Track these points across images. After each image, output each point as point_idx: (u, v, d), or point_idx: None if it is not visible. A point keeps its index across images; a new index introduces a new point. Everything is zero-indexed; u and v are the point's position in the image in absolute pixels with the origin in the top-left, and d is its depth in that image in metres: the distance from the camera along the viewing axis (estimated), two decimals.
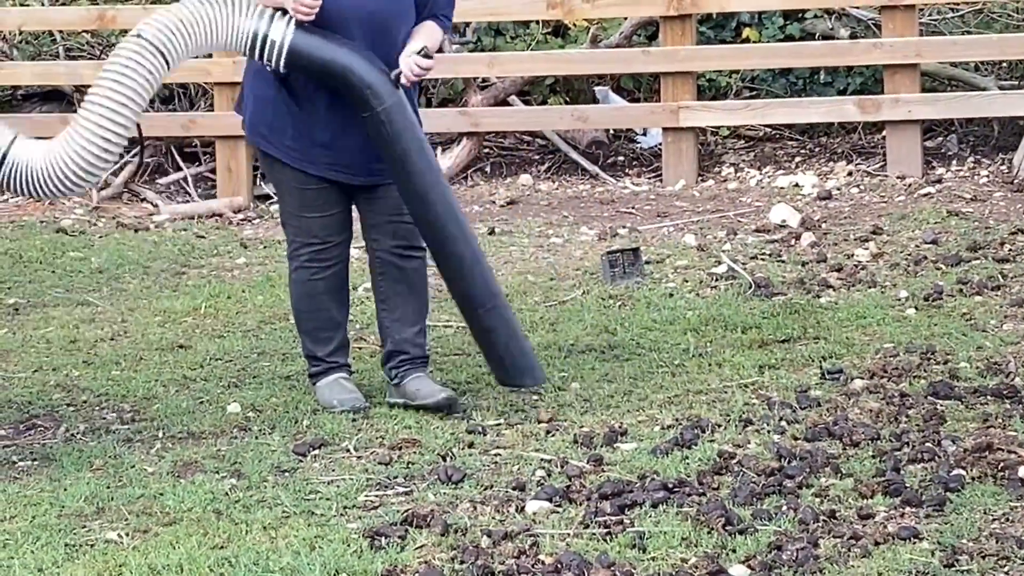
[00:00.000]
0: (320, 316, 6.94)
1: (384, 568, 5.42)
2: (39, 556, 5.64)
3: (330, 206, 6.81)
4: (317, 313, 6.94)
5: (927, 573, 5.29)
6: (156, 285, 9.24)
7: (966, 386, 6.92)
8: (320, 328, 6.96)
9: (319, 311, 6.94)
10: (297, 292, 6.96)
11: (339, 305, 7.00)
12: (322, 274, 6.88)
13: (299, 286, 6.94)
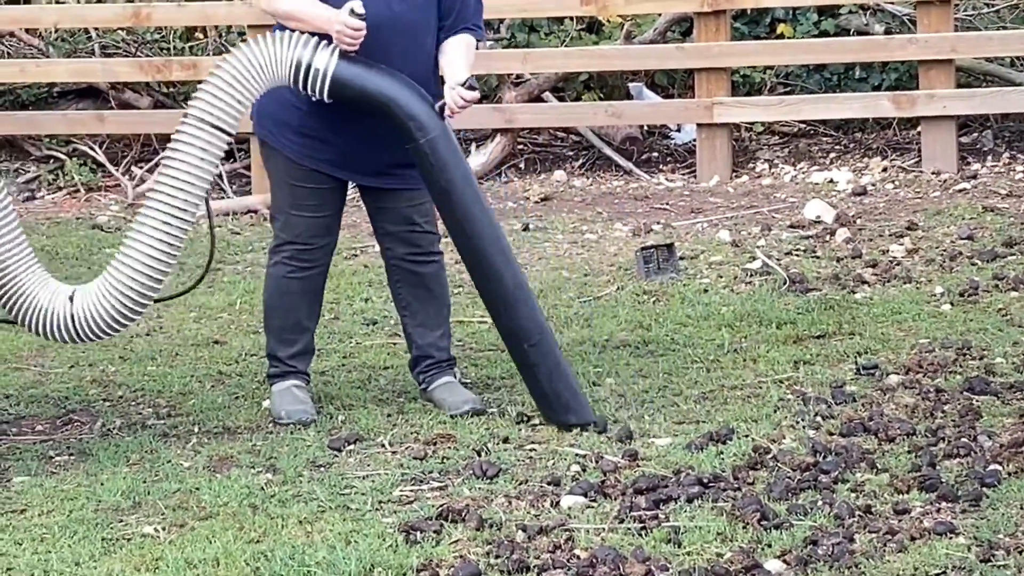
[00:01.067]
0: (288, 317, 6.91)
1: (419, 562, 5.43)
2: (76, 550, 5.66)
3: (321, 208, 6.77)
4: (286, 313, 6.91)
5: (963, 568, 5.28)
6: (191, 281, 9.25)
7: (1002, 382, 6.91)
8: (285, 329, 6.93)
9: (288, 312, 6.91)
10: (270, 288, 6.93)
11: (310, 310, 6.98)
12: (299, 275, 6.85)
13: (273, 281, 6.91)
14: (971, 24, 11.24)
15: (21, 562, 5.59)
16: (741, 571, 5.31)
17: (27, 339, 8.18)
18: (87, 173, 11.48)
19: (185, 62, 11.40)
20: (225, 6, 11.67)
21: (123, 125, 11.70)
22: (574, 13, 11.21)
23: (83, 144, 11.68)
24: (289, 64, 6.32)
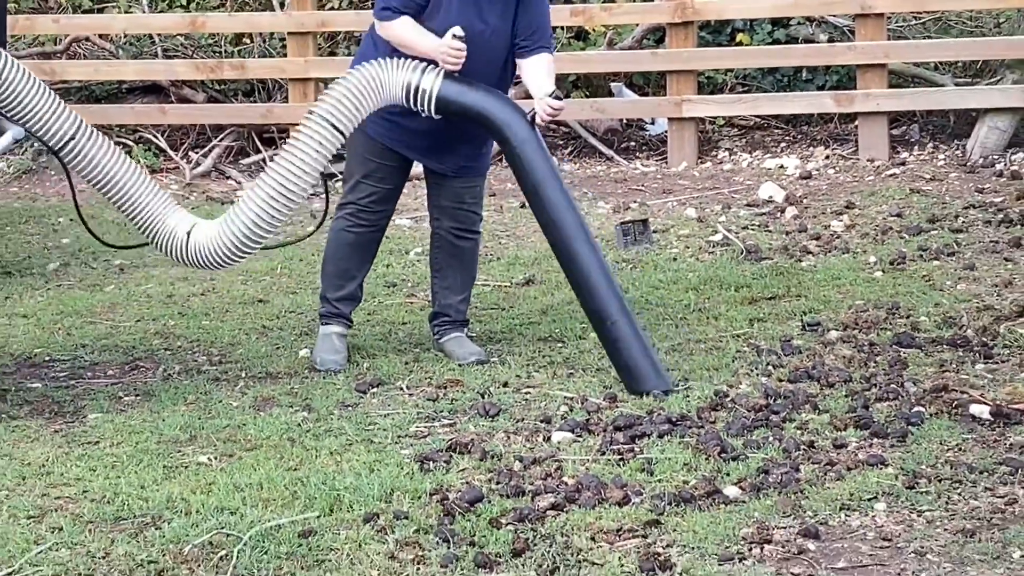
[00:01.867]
0: (340, 265, 6.93)
1: (432, 487, 5.44)
2: (141, 475, 5.68)
3: (385, 181, 6.78)
4: (339, 261, 6.92)
5: (892, 494, 5.30)
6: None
7: (925, 337, 6.92)
8: (337, 275, 6.94)
9: (340, 260, 6.92)
10: (331, 239, 6.96)
11: (360, 262, 6.97)
12: (355, 230, 6.86)
13: (334, 234, 6.93)
14: (901, 34, 11.23)
15: (95, 486, 5.60)
16: (704, 496, 5.32)
17: (100, 297, 8.19)
18: (151, 157, 11.49)
19: (234, 63, 11.40)
20: (269, 16, 11.67)
21: (181, 117, 11.71)
22: (564, 23, 11.18)
23: (148, 133, 11.69)
24: (402, 86, 6.32)
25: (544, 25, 6.74)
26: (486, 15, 6.51)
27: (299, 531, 5.14)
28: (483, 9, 6.50)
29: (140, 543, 5.12)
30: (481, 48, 6.46)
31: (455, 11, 6.44)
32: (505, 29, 6.59)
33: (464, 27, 6.38)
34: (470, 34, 6.41)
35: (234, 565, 4.94)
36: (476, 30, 6.45)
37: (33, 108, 6.27)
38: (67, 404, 6.58)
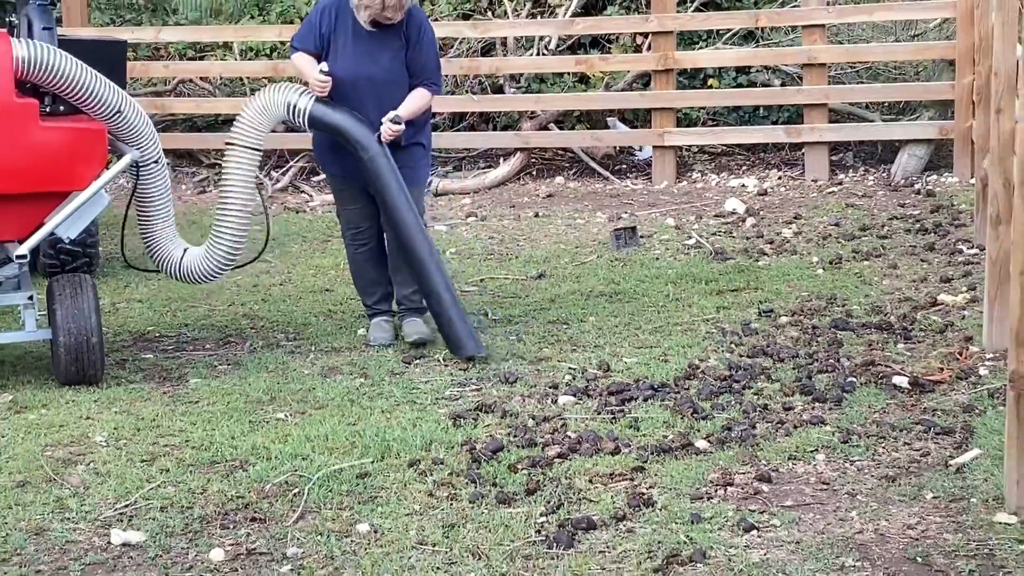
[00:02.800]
0: (364, 277, 6.94)
1: (462, 439, 5.46)
2: (232, 428, 5.71)
3: (356, 202, 6.79)
4: (362, 275, 6.94)
5: (829, 447, 5.32)
6: (311, 249, 9.25)
7: (857, 322, 6.92)
8: (364, 285, 6.95)
9: (361, 274, 6.94)
10: (349, 261, 7.01)
11: (377, 271, 6.91)
12: (360, 249, 6.89)
13: (349, 259, 7.01)
14: (840, 79, 11.21)
15: (195, 436, 5.63)
16: (679, 448, 5.33)
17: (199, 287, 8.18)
18: None
19: None
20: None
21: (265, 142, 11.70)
22: (570, 69, 11.18)
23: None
24: (283, 105, 6.52)
25: (427, 67, 6.68)
26: (377, 59, 6.57)
27: (357, 473, 5.16)
28: (373, 55, 6.56)
29: (230, 482, 5.14)
30: (374, 83, 6.54)
31: (349, 56, 6.55)
32: (396, 66, 6.60)
33: (355, 68, 6.52)
34: (364, 72, 6.52)
35: (305, 500, 4.96)
36: (369, 72, 6.54)
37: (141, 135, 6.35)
38: (173, 371, 6.61)
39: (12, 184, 6.10)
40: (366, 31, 6.53)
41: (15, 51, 6.05)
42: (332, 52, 6.56)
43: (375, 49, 6.55)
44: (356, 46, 6.54)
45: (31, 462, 5.39)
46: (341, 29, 6.56)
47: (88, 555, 4.59)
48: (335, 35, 6.57)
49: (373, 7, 6.42)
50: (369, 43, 6.55)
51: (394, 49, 6.58)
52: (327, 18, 6.59)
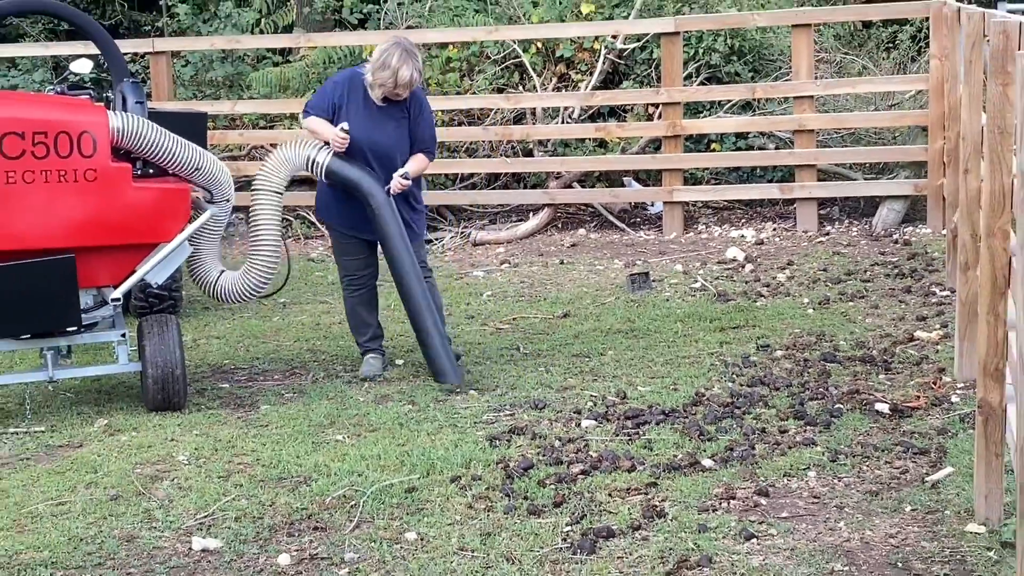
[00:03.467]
0: (356, 318, 6.93)
1: (497, 458, 5.47)
2: (297, 448, 5.73)
3: (356, 253, 6.82)
4: (355, 317, 6.94)
5: (820, 465, 5.30)
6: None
7: (843, 355, 6.89)
8: (357, 325, 6.94)
9: (356, 315, 6.93)
10: (345, 304, 6.99)
11: (369, 313, 6.92)
12: (356, 294, 6.88)
13: (346, 301, 6.97)
14: (826, 143, 11.20)
15: (265, 456, 5.65)
16: (687, 465, 5.32)
17: (268, 325, 8.23)
18: (305, 227, 11.54)
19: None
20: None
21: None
22: (590, 135, 11.20)
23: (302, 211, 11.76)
24: (304, 158, 6.58)
25: (425, 137, 6.73)
26: (381, 128, 6.59)
27: (405, 488, 5.16)
28: (377, 125, 6.58)
29: (295, 496, 5.16)
30: (381, 147, 6.58)
31: (359, 125, 6.55)
32: (399, 136, 6.64)
33: (364, 136, 6.53)
34: (371, 139, 6.54)
35: (360, 511, 4.97)
36: (373, 138, 6.56)
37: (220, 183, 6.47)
38: (246, 399, 6.63)
39: (109, 237, 6.15)
40: (375, 104, 6.60)
41: (111, 122, 6.12)
42: (340, 120, 6.59)
43: (382, 120, 6.61)
44: (366, 116, 6.59)
45: (123, 478, 5.42)
46: (352, 101, 6.61)
47: (172, 559, 4.61)
48: (347, 106, 6.61)
49: (386, 87, 6.50)
50: (377, 114, 6.61)
51: (397, 120, 6.64)
52: (340, 90, 6.65)
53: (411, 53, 6.50)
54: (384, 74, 6.47)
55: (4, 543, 4.77)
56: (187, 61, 12.53)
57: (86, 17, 7.08)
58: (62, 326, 6.17)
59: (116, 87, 6.80)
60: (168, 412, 6.35)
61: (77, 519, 4.98)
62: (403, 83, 6.49)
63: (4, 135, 5.90)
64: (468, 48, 11.68)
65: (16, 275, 5.97)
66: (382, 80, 6.49)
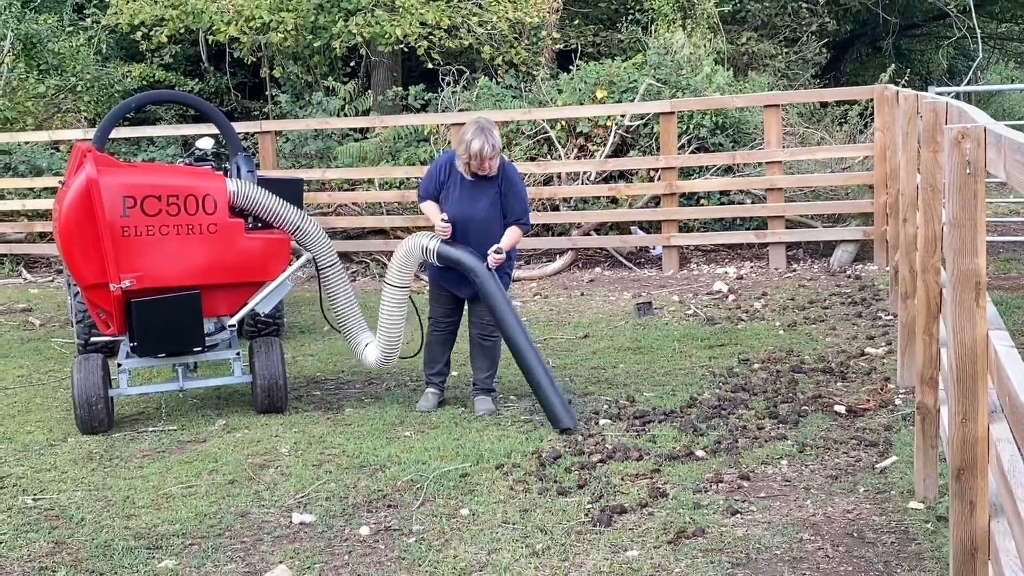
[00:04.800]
0: (431, 354, 6.44)
1: (532, 449, 5.45)
2: (371, 443, 5.73)
3: (445, 303, 6.39)
4: (430, 352, 6.46)
5: (790, 456, 5.25)
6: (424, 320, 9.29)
7: (808, 367, 6.84)
8: (429, 359, 6.45)
9: (431, 351, 6.45)
10: (425, 340, 6.53)
11: (442, 352, 6.44)
12: (436, 334, 6.43)
13: (426, 338, 6.51)
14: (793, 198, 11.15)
15: (349, 448, 5.65)
16: (684, 455, 5.28)
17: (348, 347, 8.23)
18: (379, 269, 11.58)
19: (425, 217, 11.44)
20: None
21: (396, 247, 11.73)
22: (604, 194, 11.19)
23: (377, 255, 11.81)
24: (420, 247, 6.14)
25: (517, 208, 6.22)
26: (479, 202, 6.15)
27: (460, 473, 5.16)
28: (476, 199, 6.17)
29: (373, 480, 5.16)
30: (476, 219, 6.15)
31: (456, 200, 6.16)
32: (493, 209, 6.18)
33: (461, 210, 6.15)
34: (467, 213, 6.15)
35: (424, 492, 4.96)
36: (469, 212, 6.15)
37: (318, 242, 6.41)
38: (334, 403, 6.65)
39: (227, 277, 6.21)
40: (470, 181, 6.22)
41: (228, 187, 6.19)
42: (445, 196, 6.26)
43: (477, 195, 6.21)
44: (462, 193, 6.21)
45: (237, 466, 5.45)
46: (453, 179, 6.24)
47: (276, 531, 4.63)
48: (449, 183, 6.25)
49: (472, 163, 6.12)
50: (472, 190, 6.17)
51: (491, 196, 6.17)
52: (443, 171, 6.29)
53: (485, 129, 6.10)
54: (461, 148, 6.12)
55: (145, 518, 4.80)
56: (287, 138, 12.64)
57: (209, 104, 7.17)
58: (190, 347, 6.22)
59: (232, 159, 6.87)
60: (273, 414, 6.38)
61: (202, 499, 5.01)
62: (474, 153, 6.02)
63: (145, 198, 5.98)
64: (507, 126, 11.73)
65: (155, 307, 6.03)
66: (461, 153, 6.13)
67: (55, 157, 12.83)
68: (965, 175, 2.72)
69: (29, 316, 10.01)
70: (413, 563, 4.20)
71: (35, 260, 12.80)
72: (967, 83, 18.35)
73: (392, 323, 6.26)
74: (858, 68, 21.12)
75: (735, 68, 14.79)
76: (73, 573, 4.24)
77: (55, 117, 14.41)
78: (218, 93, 15.85)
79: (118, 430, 6.20)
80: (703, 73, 12.18)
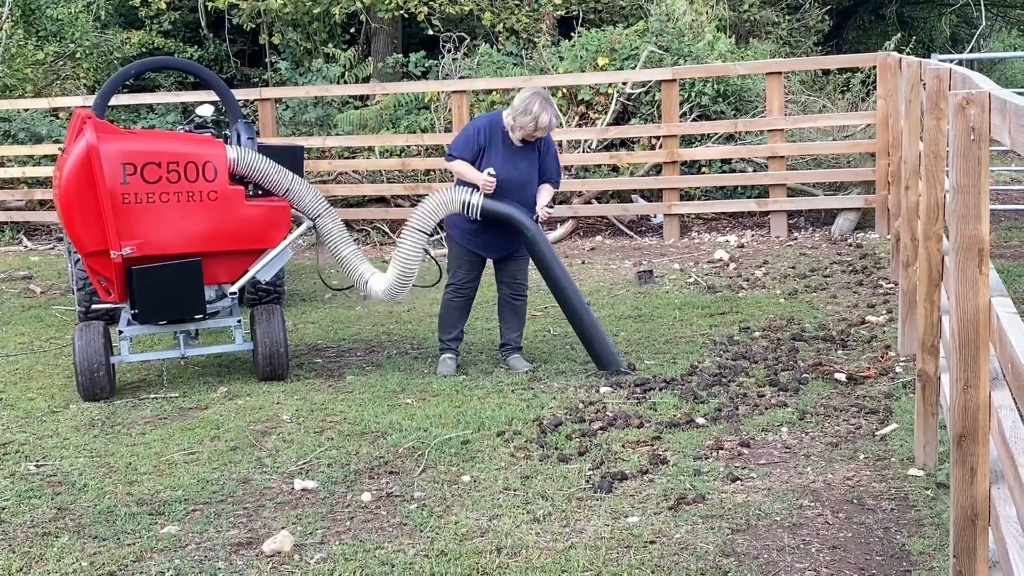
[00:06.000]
0: (448, 318, 6.45)
1: (533, 416, 5.46)
2: (374, 410, 5.73)
3: (469, 268, 6.41)
4: (447, 317, 6.47)
5: (791, 423, 5.26)
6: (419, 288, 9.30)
7: (809, 335, 6.84)
8: (446, 324, 6.46)
9: (448, 316, 6.47)
10: (442, 305, 6.53)
11: (459, 317, 6.46)
12: (456, 299, 6.45)
13: (444, 303, 6.51)
14: (794, 166, 11.11)
15: (351, 415, 5.67)
16: (685, 423, 5.29)
17: (352, 313, 8.25)
18: (379, 236, 11.57)
19: (425, 185, 11.47)
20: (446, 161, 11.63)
21: (397, 214, 11.76)
22: (605, 162, 11.15)
23: (379, 223, 11.79)
24: (460, 202, 6.14)
25: (551, 168, 6.32)
26: (520, 165, 6.18)
27: (461, 440, 5.17)
28: (518, 163, 6.20)
29: (375, 447, 5.17)
30: (516, 181, 6.19)
31: (499, 163, 6.16)
32: (532, 171, 6.24)
33: (503, 172, 6.15)
34: (509, 175, 6.17)
35: (426, 459, 4.98)
36: (512, 175, 6.18)
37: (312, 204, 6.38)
38: (335, 371, 6.66)
39: (227, 244, 6.20)
40: (514, 146, 6.19)
41: (228, 154, 6.16)
42: (484, 159, 6.23)
43: (518, 159, 6.19)
44: (505, 156, 6.17)
45: (239, 433, 5.46)
46: (493, 143, 6.21)
47: (278, 497, 4.64)
48: (489, 148, 6.21)
49: (527, 129, 6.10)
50: (515, 154, 6.19)
51: (530, 159, 6.23)
52: (483, 134, 6.23)
53: (549, 101, 6.11)
54: (526, 119, 6.07)
55: (148, 484, 4.82)
56: (287, 106, 12.59)
57: (208, 71, 7.13)
58: (191, 314, 6.22)
59: (232, 126, 6.84)
60: (274, 381, 6.39)
61: (204, 465, 5.02)
62: (543, 127, 6.07)
63: (145, 165, 5.96)
64: (508, 93, 11.67)
65: (156, 275, 6.03)
66: (523, 124, 6.09)
67: (55, 124, 12.78)
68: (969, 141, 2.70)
69: (30, 283, 10.01)
70: (415, 529, 4.21)
71: (35, 227, 12.78)
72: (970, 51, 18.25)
73: (408, 259, 6.17)
74: (861, 36, 20.99)
75: (737, 35, 14.70)
76: (76, 539, 4.26)
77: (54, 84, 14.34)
78: (217, 60, 15.76)
79: (120, 397, 6.21)
80: (705, 40, 12.10)
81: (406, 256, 6.20)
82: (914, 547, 3.88)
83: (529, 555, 3.92)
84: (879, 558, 3.84)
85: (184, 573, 3.93)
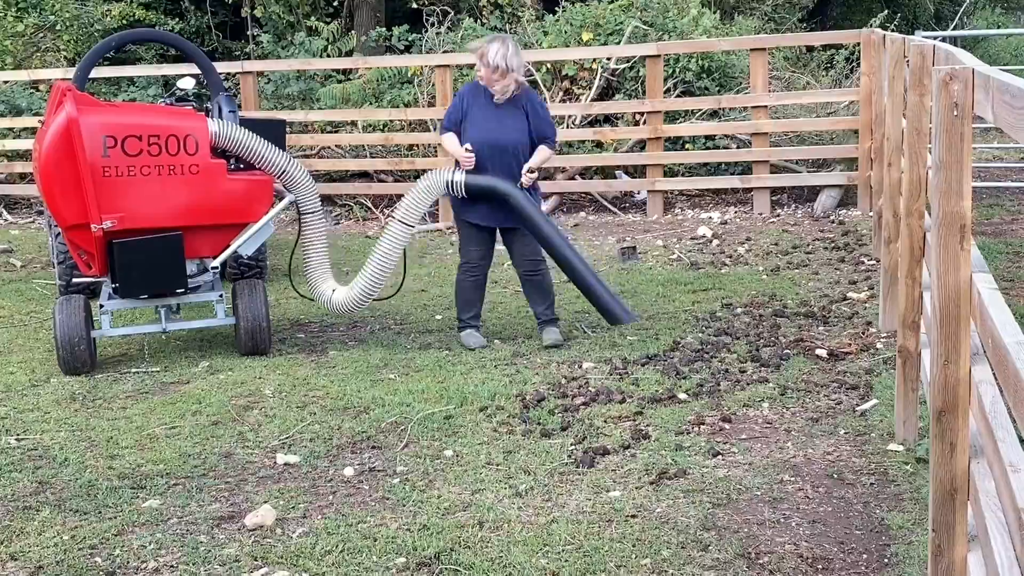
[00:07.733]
0: (464, 297, 6.42)
1: (516, 392, 5.46)
2: (358, 384, 5.73)
3: (480, 244, 6.37)
4: (463, 295, 6.45)
5: (772, 398, 5.28)
6: (411, 261, 9.24)
7: (791, 311, 6.86)
8: (463, 304, 6.42)
9: (464, 295, 6.45)
10: (457, 283, 6.51)
11: (475, 295, 6.42)
12: (470, 277, 6.42)
13: (458, 282, 6.49)
14: (778, 143, 11.11)
15: (332, 390, 5.66)
16: (667, 398, 5.31)
17: None
18: (362, 212, 11.52)
19: (408, 160, 11.42)
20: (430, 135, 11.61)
21: (380, 190, 11.70)
22: (589, 138, 11.13)
23: (361, 199, 11.74)
24: (444, 182, 6.14)
25: (543, 128, 6.22)
26: (504, 126, 6.18)
27: (444, 415, 5.17)
28: (501, 123, 6.17)
29: (357, 422, 5.17)
30: (503, 144, 6.13)
31: (480, 125, 6.18)
32: (520, 130, 6.17)
33: (486, 133, 6.11)
34: (492, 136, 6.10)
35: (408, 434, 4.98)
36: (494, 135, 6.13)
37: (301, 185, 6.36)
38: (318, 346, 6.64)
39: (209, 218, 6.16)
40: (494, 105, 6.15)
41: (210, 127, 6.11)
42: (467, 124, 6.21)
43: (501, 118, 6.15)
44: (485, 117, 6.15)
45: (221, 408, 5.45)
46: (474, 105, 6.20)
47: (261, 471, 4.63)
48: (470, 111, 6.20)
49: (482, 73, 6.09)
50: (497, 114, 6.16)
51: (515, 117, 6.16)
52: (463, 101, 6.24)
53: (505, 41, 6.06)
54: (480, 63, 6.07)
55: (129, 458, 4.80)
56: (269, 79, 12.49)
57: (190, 44, 7.06)
58: (172, 288, 6.19)
59: (214, 100, 6.78)
60: (257, 356, 6.37)
61: (186, 439, 5.01)
62: (489, 63, 6.01)
63: (125, 137, 5.90)
64: None
65: (137, 249, 5.99)
66: (479, 68, 6.09)
67: (35, 96, 12.65)
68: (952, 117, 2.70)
69: (10, 257, 9.93)
70: (397, 503, 4.22)
71: (16, 201, 12.68)
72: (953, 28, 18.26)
73: (384, 261, 6.20)
74: (845, 12, 20.98)
75: (721, 11, 14.67)
76: (57, 512, 4.24)
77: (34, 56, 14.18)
78: (199, 32, 15.61)
79: (101, 371, 6.18)
80: (689, 16, 12.07)
81: (382, 257, 6.18)
82: (893, 521, 3.91)
83: (511, 529, 3.93)
84: (859, 532, 3.87)
85: (166, 547, 3.92)
